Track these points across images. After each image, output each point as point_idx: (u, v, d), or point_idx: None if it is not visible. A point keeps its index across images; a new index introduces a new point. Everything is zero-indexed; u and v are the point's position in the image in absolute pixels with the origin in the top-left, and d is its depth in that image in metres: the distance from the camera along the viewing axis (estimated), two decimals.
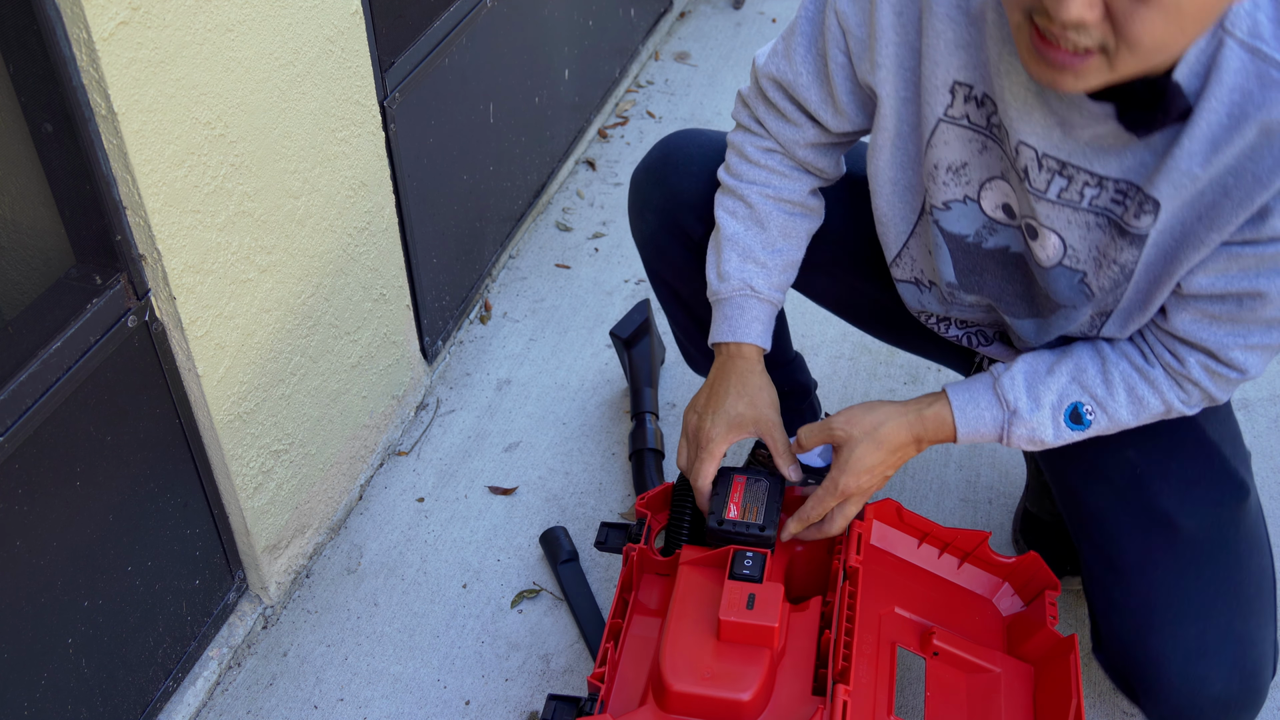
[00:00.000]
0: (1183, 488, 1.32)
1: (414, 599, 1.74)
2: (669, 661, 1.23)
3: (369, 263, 1.77)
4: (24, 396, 1.19)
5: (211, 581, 1.61)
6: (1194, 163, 1.03)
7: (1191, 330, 1.17)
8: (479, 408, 2.07)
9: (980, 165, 1.20)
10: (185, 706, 1.57)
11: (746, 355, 1.38)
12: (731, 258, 1.38)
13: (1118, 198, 1.11)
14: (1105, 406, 1.24)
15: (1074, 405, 1.24)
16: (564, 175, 2.65)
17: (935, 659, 1.33)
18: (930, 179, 1.25)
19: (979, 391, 1.27)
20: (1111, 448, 1.34)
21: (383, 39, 1.73)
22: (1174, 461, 1.33)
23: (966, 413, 1.27)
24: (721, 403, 1.36)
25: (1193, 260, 1.10)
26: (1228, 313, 1.14)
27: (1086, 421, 1.24)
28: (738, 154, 1.40)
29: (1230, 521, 1.31)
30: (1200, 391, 1.22)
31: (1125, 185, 1.09)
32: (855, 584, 1.33)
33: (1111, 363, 1.24)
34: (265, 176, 1.45)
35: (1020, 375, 1.26)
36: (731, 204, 1.39)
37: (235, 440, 1.52)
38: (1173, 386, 1.22)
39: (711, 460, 1.36)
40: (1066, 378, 1.25)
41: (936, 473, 1.91)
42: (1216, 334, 1.16)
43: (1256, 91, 0.98)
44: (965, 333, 1.44)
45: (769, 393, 1.38)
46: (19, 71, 1.15)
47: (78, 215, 1.26)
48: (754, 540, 1.34)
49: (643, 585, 1.42)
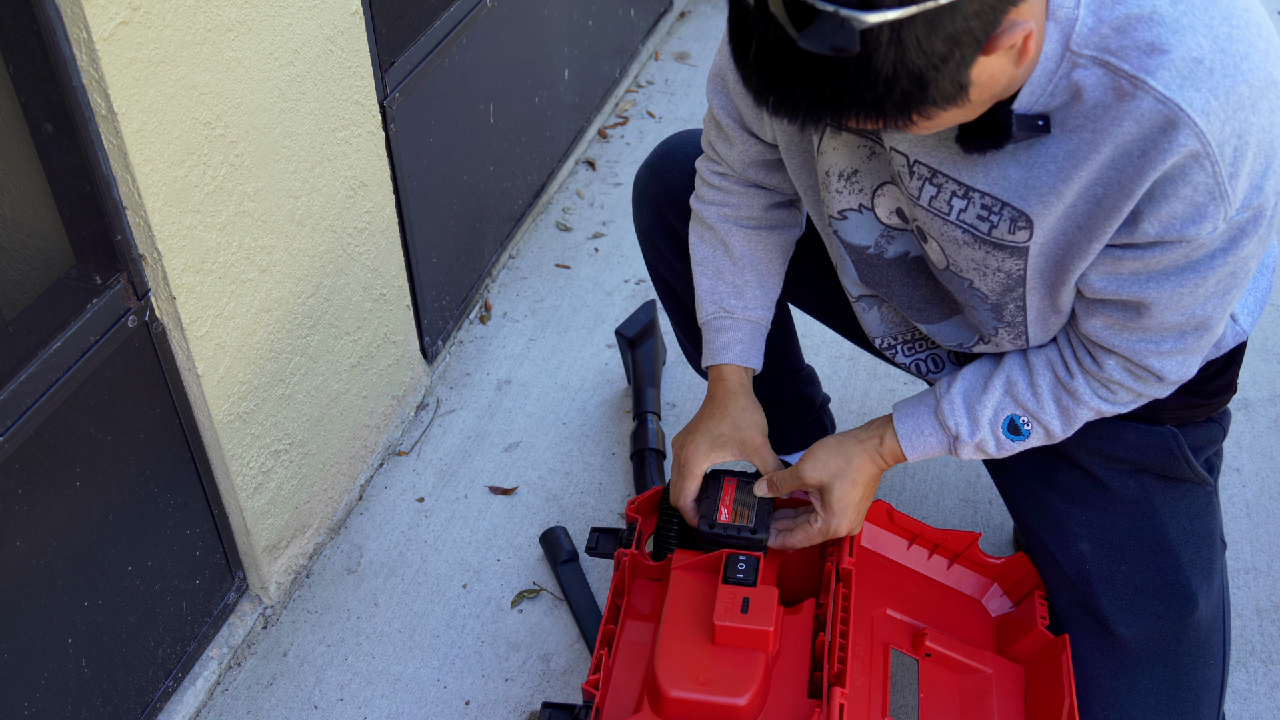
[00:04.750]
0: (1127, 595, 1.31)
1: (414, 599, 1.74)
2: (664, 667, 1.23)
3: (369, 263, 1.77)
4: (24, 396, 1.19)
5: (211, 581, 1.61)
6: (1057, 178, 1.03)
7: (1104, 336, 1.16)
8: (479, 408, 2.07)
9: (870, 171, 1.20)
10: (185, 706, 1.57)
11: (728, 377, 1.40)
12: (703, 281, 1.43)
13: (983, 213, 1.10)
14: (1039, 417, 1.24)
15: (1010, 418, 1.25)
16: (564, 175, 2.65)
17: (927, 660, 1.33)
18: (824, 187, 1.25)
19: (923, 418, 1.29)
20: (1069, 535, 1.35)
21: (383, 39, 1.73)
22: (1124, 565, 1.32)
23: (913, 441, 1.29)
24: (704, 424, 1.39)
25: (1082, 265, 1.10)
26: (1129, 320, 1.13)
27: (1025, 432, 1.25)
28: (699, 179, 1.44)
29: (1171, 634, 1.30)
30: (1127, 390, 1.20)
31: (992, 200, 1.09)
32: (849, 586, 1.33)
33: (1038, 374, 1.23)
34: (265, 176, 1.45)
35: (959, 396, 1.26)
36: (698, 228, 1.44)
37: (235, 440, 1.52)
38: (1096, 391, 1.21)
39: (691, 479, 1.38)
40: (1000, 392, 1.25)
41: (936, 473, 1.91)
42: (1128, 340, 1.14)
43: (1112, 104, 0.98)
44: (914, 359, 1.43)
45: (753, 414, 1.39)
46: (19, 71, 1.15)
47: (78, 215, 1.26)
48: (746, 543, 1.34)
49: (635, 590, 1.42)
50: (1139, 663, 1.30)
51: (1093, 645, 1.33)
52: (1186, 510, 1.34)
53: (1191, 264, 1.05)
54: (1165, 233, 1.02)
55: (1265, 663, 1.63)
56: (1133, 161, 0.99)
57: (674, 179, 1.51)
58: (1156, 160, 0.98)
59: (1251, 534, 1.81)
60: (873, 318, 1.40)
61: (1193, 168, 0.97)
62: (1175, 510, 1.33)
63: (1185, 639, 1.30)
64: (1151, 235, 1.03)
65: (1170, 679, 1.29)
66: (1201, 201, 0.99)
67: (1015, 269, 1.14)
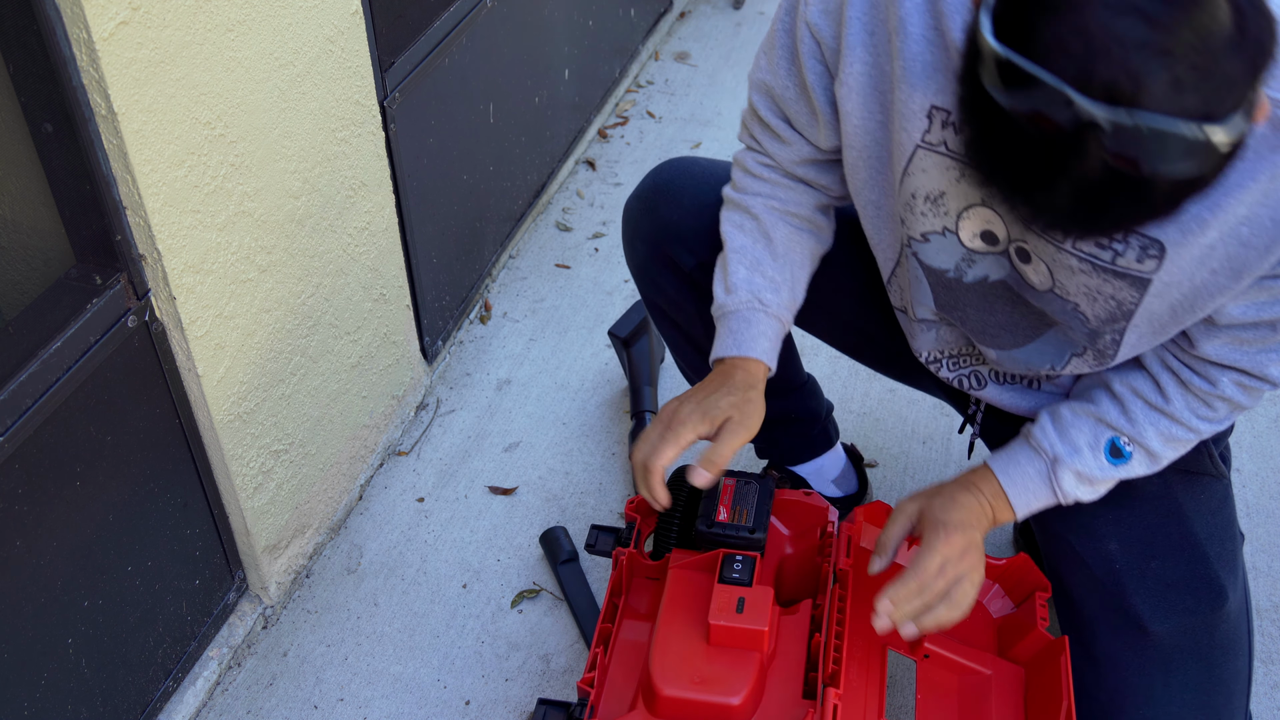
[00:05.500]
0: (1158, 591, 1.30)
1: (414, 599, 1.74)
2: (658, 666, 1.23)
3: (369, 263, 1.77)
4: (24, 397, 1.19)
5: (211, 581, 1.61)
6: (1202, 207, 0.99)
7: (1224, 354, 1.13)
8: (479, 408, 2.07)
9: (957, 194, 1.14)
10: (185, 706, 1.57)
11: (750, 369, 1.28)
12: (739, 270, 1.31)
13: (1104, 240, 1.06)
14: (1138, 440, 1.22)
15: (1111, 440, 1.22)
16: (564, 175, 2.65)
17: (926, 661, 1.33)
18: (908, 209, 1.20)
19: (1016, 452, 1.26)
20: (1096, 535, 1.33)
21: (383, 39, 1.73)
22: (1154, 562, 1.31)
23: (1011, 475, 1.25)
24: (707, 395, 1.25)
25: (1217, 303, 1.06)
26: (1260, 337, 1.11)
27: (1127, 454, 1.22)
28: (741, 169, 1.36)
29: (1204, 628, 1.29)
30: (1228, 405, 1.19)
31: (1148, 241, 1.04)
32: (845, 587, 1.33)
33: (1128, 401, 1.21)
34: (265, 176, 1.45)
35: (1048, 424, 1.24)
36: (738, 218, 1.34)
37: (235, 440, 1.52)
38: (1196, 411, 1.19)
39: (675, 444, 1.22)
40: (1092, 420, 1.23)
41: (937, 472, 1.91)
42: (1250, 354, 1.12)
43: (1270, 134, 0.94)
44: (957, 375, 1.40)
45: (759, 410, 1.26)
46: (19, 71, 1.15)
47: (78, 215, 1.26)
48: (744, 543, 1.34)
49: (633, 589, 1.42)
50: (1173, 658, 1.29)
51: (1125, 644, 1.31)
52: (1208, 504, 1.33)
53: None
54: None
55: (1265, 663, 1.63)
56: None
57: (670, 213, 1.45)
58: None
59: (1251, 534, 1.81)
60: (929, 338, 1.36)
61: None
62: (1198, 505, 1.32)
63: (1216, 632, 1.30)
64: None
65: (1204, 673, 1.29)
66: None
67: (1128, 301, 1.10)
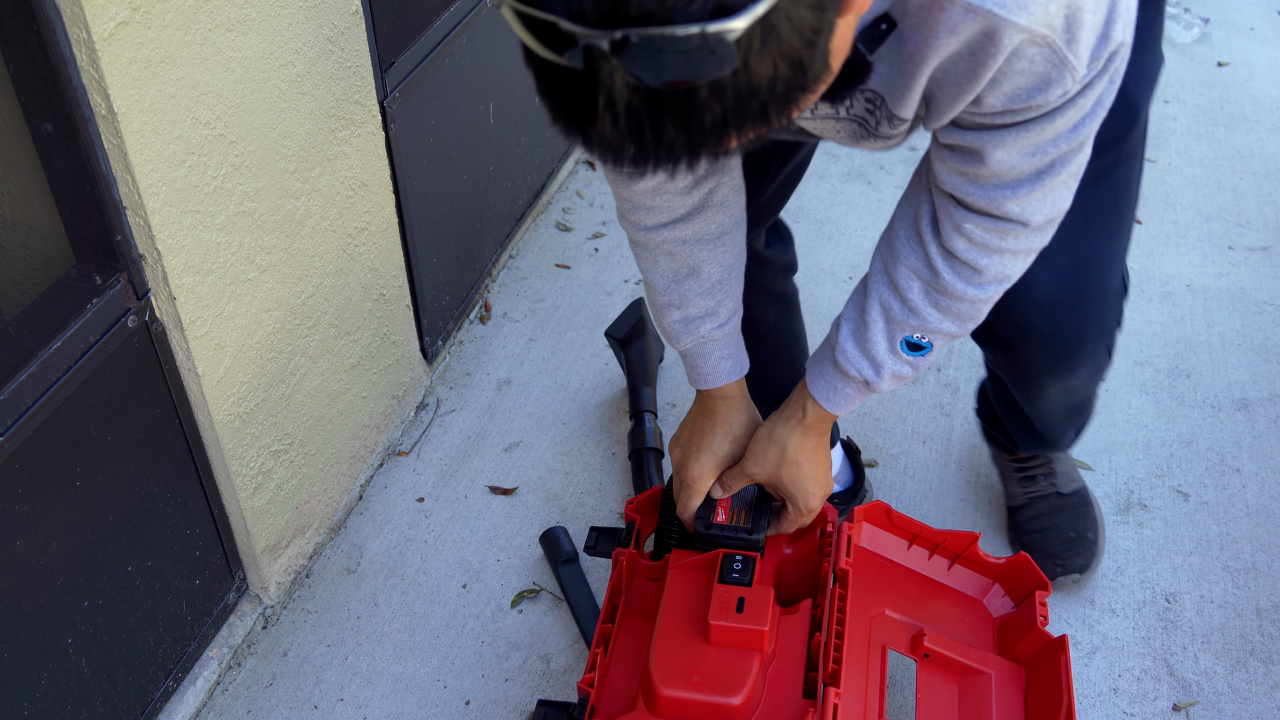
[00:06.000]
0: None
1: (414, 599, 1.74)
2: (658, 666, 1.23)
3: (369, 263, 1.77)
4: (24, 396, 1.19)
5: (211, 581, 1.61)
6: (908, 76, 1.01)
7: (956, 184, 1.12)
8: (479, 408, 2.07)
9: None
10: (185, 706, 1.57)
11: (727, 395, 1.39)
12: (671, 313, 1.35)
13: (870, 107, 1.09)
14: (927, 328, 1.23)
15: (904, 339, 1.25)
16: (564, 175, 2.65)
17: (926, 661, 1.33)
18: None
19: (830, 375, 1.31)
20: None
21: (383, 39, 1.73)
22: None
23: (832, 399, 1.31)
24: (708, 443, 1.40)
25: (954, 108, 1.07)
26: (969, 167, 1.09)
27: (926, 344, 1.24)
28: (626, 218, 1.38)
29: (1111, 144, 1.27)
30: (989, 258, 1.16)
31: (873, 94, 1.07)
32: (845, 587, 1.33)
33: (905, 288, 1.21)
34: (265, 176, 1.45)
35: (849, 342, 1.27)
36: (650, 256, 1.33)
37: (235, 440, 1.52)
38: (962, 275, 1.18)
39: (697, 496, 1.42)
40: (881, 322, 1.25)
41: (937, 472, 1.91)
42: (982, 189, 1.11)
43: (929, 7, 0.95)
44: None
45: (751, 424, 1.42)
46: (19, 71, 1.15)
47: (78, 215, 1.26)
48: (743, 544, 1.34)
49: (633, 590, 1.42)
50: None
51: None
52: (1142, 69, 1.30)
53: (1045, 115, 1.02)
54: (1012, 104, 1.00)
55: (1265, 663, 1.63)
56: (964, 61, 0.97)
57: None
58: (989, 62, 0.96)
59: (1251, 534, 1.81)
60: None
61: (1027, 50, 0.95)
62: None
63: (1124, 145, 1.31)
64: (998, 107, 1.01)
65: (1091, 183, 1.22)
66: (1043, 71, 0.97)
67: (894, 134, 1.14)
